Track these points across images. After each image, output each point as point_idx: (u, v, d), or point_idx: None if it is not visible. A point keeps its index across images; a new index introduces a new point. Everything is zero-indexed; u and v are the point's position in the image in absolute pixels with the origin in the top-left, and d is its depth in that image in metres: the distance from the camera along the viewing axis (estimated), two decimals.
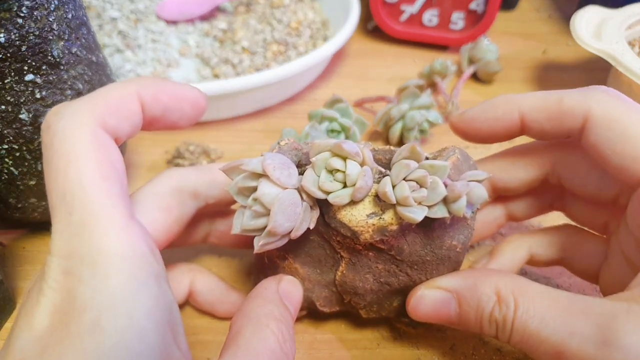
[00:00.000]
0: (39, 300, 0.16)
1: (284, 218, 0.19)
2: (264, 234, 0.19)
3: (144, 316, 0.16)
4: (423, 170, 0.20)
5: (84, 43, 0.26)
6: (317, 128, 0.34)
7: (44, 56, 0.24)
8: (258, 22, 0.48)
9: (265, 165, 0.19)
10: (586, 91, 0.21)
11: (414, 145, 0.20)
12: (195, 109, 0.21)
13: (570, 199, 0.26)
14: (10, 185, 0.26)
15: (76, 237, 0.16)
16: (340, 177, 0.20)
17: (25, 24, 0.23)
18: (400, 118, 0.37)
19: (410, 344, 0.26)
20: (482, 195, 0.21)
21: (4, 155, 0.25)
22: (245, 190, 0.20)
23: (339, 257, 0.23)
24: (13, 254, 0.30)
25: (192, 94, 0.21)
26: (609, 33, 0.40)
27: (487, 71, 0.46)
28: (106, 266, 0.16)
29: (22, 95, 0.24)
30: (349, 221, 0.20)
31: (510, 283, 0.20)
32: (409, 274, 0.23)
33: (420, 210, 0.19)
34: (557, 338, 0.18)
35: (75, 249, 0.16)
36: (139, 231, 0.17)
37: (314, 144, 0.20)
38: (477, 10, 0.49)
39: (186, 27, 0.48)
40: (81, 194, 0.16)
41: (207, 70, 0.44)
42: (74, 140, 0.17)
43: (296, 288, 0.23)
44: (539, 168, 0.25)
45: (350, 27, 0.44)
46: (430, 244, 0.22)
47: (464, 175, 0.21)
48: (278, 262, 0.24)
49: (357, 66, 0.50)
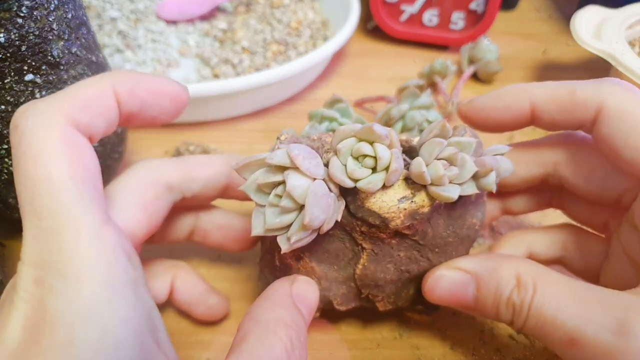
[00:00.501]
0: (10, 313, 0.15)
1: (319, 210, 0.18)
2: (296, 230, 0.18)
3: (119, 327, 0.15)
4: (454, 148, 0.19)
5: (83, 43, 0.26)
6: (317, 128, 0.34)
7: (44, 56, 0.24)
8: (258, 22, 0.48)
9: (294, 156, 0.18)
10: (599, 83, 0.21)
11: (444, 122, 0.19)
12: (175, 103, 0.20)
13: (570, 198, 0.26)
14: (10, 185, 0.26)
15: (46, 244, 0.15)
16: (369, 162, 0.19)
17: (25, 23, 0.23)
18: (400, 118, 0.37)
19: (410, 344, 0.26)
20: (509, 168, 0.21)
21: (4, 155, 0.25)
22: (266, 187, 0.19)
23: (360, 249, 0.22)
24: (13, 254, 0.30)
25: (172, 88, 0.20)
26: (609, 33, 0.40)
27: (487, 71, 0.46)
28: (78, 276, 0.15)
29: (22, 95, 0.24)
30: (379, 208, 0.19)
31: (531, 269, 0.20)
32: (430, 259, 0.22)
33: (454, 188, 0.19)
34: (573, 324, 0.18)
35: (46, 257, 0.15)
36: (114, 236, 0.16)
37: (338, 130, 0.19)
38: (477, 10, 0.49)
39: (186, 27, 0.48)
40: (50, 199, 0.15)
41: (207, 70, 0.44)
42: (42, 141, 0.16)
43: (312, 289, 0.22)
44: (540, 167, 0.25)
45: (350, 27, 0.44)
46: (453, 224, 0.22)
47: (488, 149, 0.21)
48: (291, 263, 0.22)
49: (357, 66, 0.50)
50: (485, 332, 0.27)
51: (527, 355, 0.26)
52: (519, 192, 0.27)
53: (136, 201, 0.21)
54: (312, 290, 0.22)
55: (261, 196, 0.19)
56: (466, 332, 0.27)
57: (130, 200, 0.20)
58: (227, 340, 0.26)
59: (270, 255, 0.23)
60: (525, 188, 0.26)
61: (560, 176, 0.24)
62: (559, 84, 0.22)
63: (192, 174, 0.23)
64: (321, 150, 0.21)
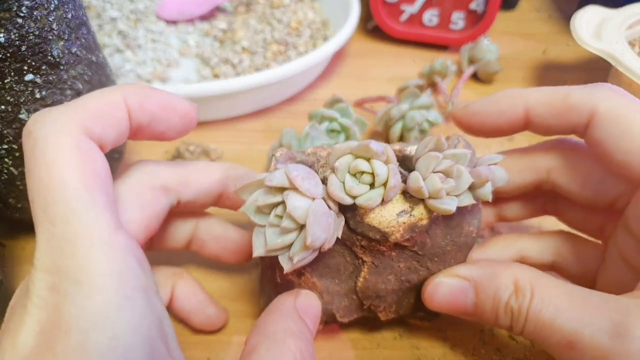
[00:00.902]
0: (23, 319, 0.15)
1: (321, 229, 0.18)
2: (298, 250, 0.19)
3: (130, 333, 0.15)
4: (449, 161, 0.19)
5: (83, 43, 0.26)
6: (317, 128, 0.34)
7: (44, 56, 0.24)
8: (258, 22, 0.48)
9: (293, 177, 0.18)
10: (592, 88, 0.21)
11: (439, 137, 0.20)
12: (184, 121, 0.21)
13: (564, 204, 0.26)
14: (10, 185, 0.26)
15: (60, 251, 0.15)
16: (367, 179, 0.19)
17: (25, 23, 0.23)
18: (400, 118, 0.37)
19: (410, 344, 0.26)
20: (504, 177, 0.21)
21: (4, 155, 0.25)
22: (265, 208, 0.19)
23: (360, 262, 0.22)
24: (13, 254, 0.30)
25: (182, 106, 0.20)
26: (609, 33, 0.40)
27: (487, 71, 0.46)
28: (90, 283, 0.15)
29: (22, 95, 0.24)
30: (379, 223, 0.20)
31: (529, 274, 0.20)
32: (429, 267, 0.23)
33: (452, 200, 0.19)
34: (571, 328, 0.18)
35: (60, 264, 0.15)
36: (125, 243, 0.16)
37: (334, 148, 0.20)
38: (477, 10, 0.49)
39: (186, 27, 0.48)
40: (63, 206, 0.16)
41: (207, 70, 0.44)
42: (55, 148, 0.16)
43: (315, 302, 0.22)
44: (534, 173, 0.25)
45: (350, 27, 0.44)
46: (451, 233, 0.22)
47: (482, 159, 0.21)
48: (293, 279, 0.23)
49: (357, 66, 0.50)
50: (485, 332, 0.27)
51: (527, 355, 0.26)
52: (513, 199, 0.27)
53: (136, 202, 0.21)
54: (315, 304, 0.22)
55: (261, 217, 0.19)
56: (466, 332, 0.27)
57: (129, 202, 0.20)
58: (227, 340, 0.26)
59: (271, 271, 0.23)
60: (519, 194, 0.26)
61: (554, 182, 0.24)
62: (554, 89, 0.22)
63: (188, 178, 0.23)
64: (317, 165, 0.21)
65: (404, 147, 0.23)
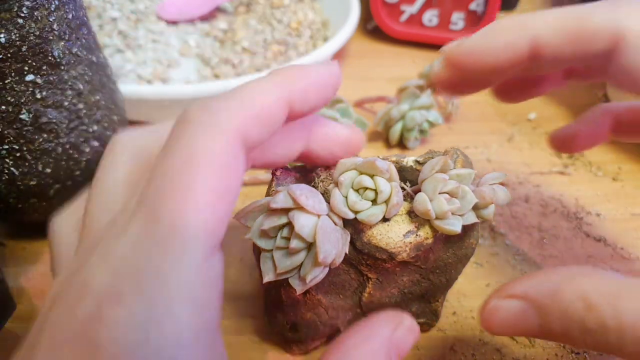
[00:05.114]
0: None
1: (331, 245, 0.18)
2: (309, 268, 0.18)
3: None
4: (455, 182, 0.20)
5: (84, 43, 0.26)
6: None
7: (45, 56, 0.24)
8: (258, 23, 0.48)
9: (297, 196, 0.18)
10: (615, 6, 0.18)
11: (446, 159, 0.20)
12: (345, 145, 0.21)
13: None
14: (11, 185, 0.26)
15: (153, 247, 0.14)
16: (370, 195, 0.20)
17: (26, 24, 0.23)
18: (401, 118, 0.37)
19: None
20: (506, 198, 0.21)
21: (5, 155, 0.25)
22: (271, 231, 0.19)
23: (365, 279, 0.23)
24: (13, 254, 0.30)
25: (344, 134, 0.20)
26: None
27: None
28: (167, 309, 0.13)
29: (23, 95, 0.24)
30: (386, 245, 0.20)
31: (599, 284, 0.17)
32: (431, 279, 0.23)
33: (457, 220, 0.20)
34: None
35: (146, 263, 0.14)
36: (217, 270, 0.15)
37: (340, 163, 0.20)
38: (477, 11, 0.49)
39: (186, 27, 0.48)
40: (175, 207, 0.14)
41: (208, 70, 0.44)
42: (203, 150, 0.14)
43: (412, 337, 0.19)
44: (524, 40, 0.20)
45: (350, 27, 0.44)
46: (452, 246, 0.22)
47: (484, 179, 0.22)
48: (299, 297, 0.23)
49: (357, 66, 0.50)
50: (485, 332, 0.27)
51: (527, 355, 0.26)
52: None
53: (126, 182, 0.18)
54: (412, 339, 0.19)
55: (267, 241, 0.19)
56: (466, 332, 0.27)
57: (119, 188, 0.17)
58: (227, 340, 0.26)
59: (276, 290, 0.23)
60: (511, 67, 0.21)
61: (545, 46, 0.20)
62: (566, 11, 0.19)
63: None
64: (317, 180, 0.21)
65: (401, 157, 0.23)
